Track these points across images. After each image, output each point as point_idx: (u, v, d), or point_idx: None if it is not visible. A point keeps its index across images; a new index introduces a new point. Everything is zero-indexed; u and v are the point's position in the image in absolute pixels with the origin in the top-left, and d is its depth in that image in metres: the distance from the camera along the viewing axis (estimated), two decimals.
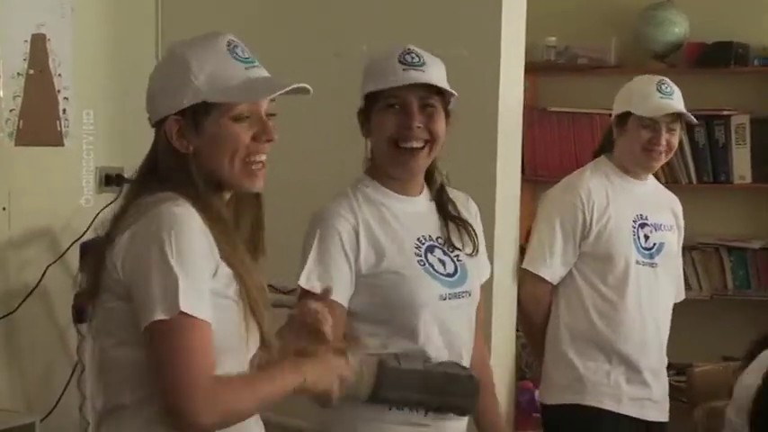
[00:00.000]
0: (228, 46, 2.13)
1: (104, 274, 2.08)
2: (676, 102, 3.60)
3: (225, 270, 2.08)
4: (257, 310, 2.11)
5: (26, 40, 3.85)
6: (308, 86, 2.17)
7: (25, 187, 3.87)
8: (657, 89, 3.60)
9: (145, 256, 2.02)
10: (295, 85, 2.14)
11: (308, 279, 2.58)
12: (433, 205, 2.73)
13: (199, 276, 2.02)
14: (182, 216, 2.04)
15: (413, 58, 2.62)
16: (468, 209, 2.79)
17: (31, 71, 3.87)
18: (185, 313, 1.99)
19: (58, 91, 3.96)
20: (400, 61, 2.61)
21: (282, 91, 2.12)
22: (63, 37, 3.95)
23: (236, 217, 2.20)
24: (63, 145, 3.99)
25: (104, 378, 2.13)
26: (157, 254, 2.00)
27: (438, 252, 2.68)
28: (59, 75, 3.95)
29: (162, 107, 2.13)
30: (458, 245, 2.71)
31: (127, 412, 2.08)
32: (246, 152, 2.12)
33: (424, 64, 2.62)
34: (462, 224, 2.74)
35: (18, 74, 3.84)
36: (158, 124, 2.14)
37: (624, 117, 3.64)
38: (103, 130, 4.09)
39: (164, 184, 2.10)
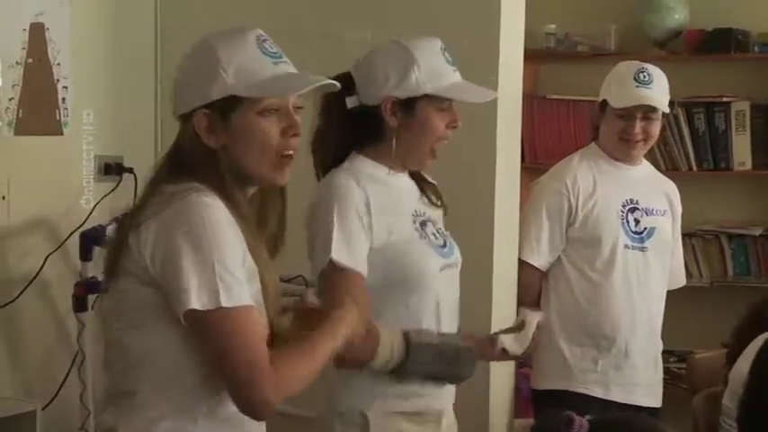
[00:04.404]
0: (258, 40, 2.13)
1: (126, 258, 2.06)
2: (653, 90, 3.55)
3: (250, 263, 2.08)
4: (271, 309, 2.13)
5: (24, 29, 3.83)
6: (336, 83, 2.19)
7: (25, 176, 3.86)
8: (635, 77, 3.56)
9: (178, 249, 2.00)
10: (323, 82, 2.15)
11: (338, 251, 2.56)
12: (412, 182, 2.77)
13: (232, 263, 2.02)
14: (211, 206, 2.03)
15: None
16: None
17: (30, 60, 3.85)
18: (227, 307, 1.99)
19: (57, 80, 3.95)
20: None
21: (310, 87, 2.13)
22: (62, 26, 3.93)
23: (263, 213, 2.20)
24: (62, 134, 3.98)
25: (109, 361, 2.13)
26: (192, 246, 1.99)
27: (429, 226, 2.72)
28: (58, 64, 3.94)
29: (190, 100, 2.12)
30: (439, 218, 2.77)
31: (134, 400, 2.07)
32: (276, 148, 2.11)
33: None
34: (439, 198, 2.79)
35: (17, 63, 3.82)
36: (185, 117, 2.13)
37: (604, 105, 3.63)
38: (103, 118, 4.09)
39: (190, 175, 2.08)
